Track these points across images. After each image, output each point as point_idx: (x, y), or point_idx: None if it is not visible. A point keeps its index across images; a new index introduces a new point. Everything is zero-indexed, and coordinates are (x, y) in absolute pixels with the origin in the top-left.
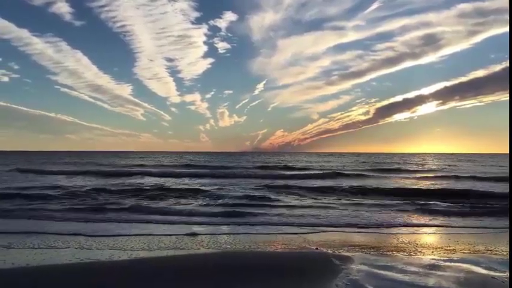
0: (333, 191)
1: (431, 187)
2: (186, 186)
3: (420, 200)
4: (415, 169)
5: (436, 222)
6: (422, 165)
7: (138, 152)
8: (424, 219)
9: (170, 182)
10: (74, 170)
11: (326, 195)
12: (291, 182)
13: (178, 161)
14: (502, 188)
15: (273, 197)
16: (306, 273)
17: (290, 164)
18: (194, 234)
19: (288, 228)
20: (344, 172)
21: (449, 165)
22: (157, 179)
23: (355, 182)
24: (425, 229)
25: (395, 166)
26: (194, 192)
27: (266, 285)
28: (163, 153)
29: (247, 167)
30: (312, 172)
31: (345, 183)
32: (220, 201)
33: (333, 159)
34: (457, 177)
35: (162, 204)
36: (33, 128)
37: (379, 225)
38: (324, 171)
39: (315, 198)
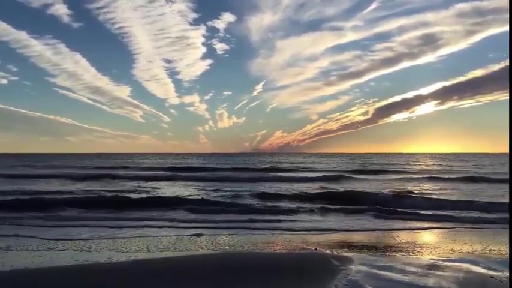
0: (315, 196)
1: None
2: (170, 191)
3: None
4: (402, 170)
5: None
6: (414, 165)
7: (137, 154)
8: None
9: (149, 186)
10: (49, 173)
11: (307, 199)
12: (275, 186)
13: (171, 163)
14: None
15: (253, 201)
16: (305, 274)
17: (280, 166)
18: (199, 235)
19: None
20: (331, 175)
21: (441, 165)
22: (137, 182)
23: (335, 186)
24: (423, 230)
25: (386, 168)
26: (176, 198)
27: (266, 285)
28: (162, 155)
29: (238, 169)
30: (299, 175)
31: (329, 186)
32: (202, 206)
33: (325, 161)
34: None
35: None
36: (32, 131)
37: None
38: (312, 175)
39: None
